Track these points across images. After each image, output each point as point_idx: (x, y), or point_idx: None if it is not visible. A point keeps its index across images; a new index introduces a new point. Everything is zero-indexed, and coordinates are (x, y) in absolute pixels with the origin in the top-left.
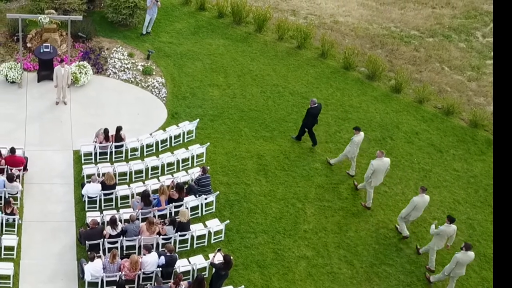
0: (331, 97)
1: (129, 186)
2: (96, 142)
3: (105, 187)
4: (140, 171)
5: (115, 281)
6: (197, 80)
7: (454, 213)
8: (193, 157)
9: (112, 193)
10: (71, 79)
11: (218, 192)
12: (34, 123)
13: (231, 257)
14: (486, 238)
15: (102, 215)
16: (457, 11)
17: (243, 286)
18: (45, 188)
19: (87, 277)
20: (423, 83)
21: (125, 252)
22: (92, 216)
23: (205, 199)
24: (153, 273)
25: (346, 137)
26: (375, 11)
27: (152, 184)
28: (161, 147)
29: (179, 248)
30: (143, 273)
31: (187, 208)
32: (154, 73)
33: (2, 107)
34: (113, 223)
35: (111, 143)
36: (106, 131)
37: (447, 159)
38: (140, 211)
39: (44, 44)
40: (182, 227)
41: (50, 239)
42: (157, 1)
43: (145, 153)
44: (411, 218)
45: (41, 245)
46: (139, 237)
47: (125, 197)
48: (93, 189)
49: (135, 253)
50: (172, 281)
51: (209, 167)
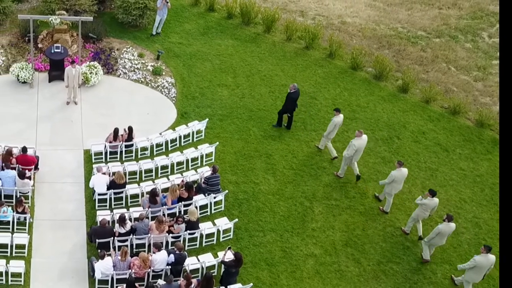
0: (339, 97)
1: (139, 185)
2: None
3: (115, 186)
4: (150, 170)
5: (125, 279)
6: (206, 80)
7: (460, 211)
8: (202, 156)
9: (122, 192)
10: (82, 79)
11: (227, 191)
12: (45, 123)
13: (242, 255)
14: (492, 236)
15: (112, 213)
16: (464, 12)
17: (252, 283)
18: (56, 187)
19: (97, 275)
20: (430, 83)
21: (135, 250)
22: (102, 214)
23: (214, 197)
24: (162, 271)
25: (353, 137)
26: (382, 12)
27: (161, 183)
28: (171, 147)
29: (188, 246)
30: (153, 271)
31: (196, 207)
32: (164, 73)
33: (13, 107)
34: (122, 221)
35: (121, 142)
36: (115, 131)
37: (454, 158)
38: (149, 209)
39: (55, 44)
40: (191, 226)
41: (60, 237)
42: (167, 2)
43: (155, 152)
44: (393, 191)
45: (52, 243)
46: (149, 235)
47: (135, 196)
48: (99, 181)
49: (144, 251)
50: (181, 279)
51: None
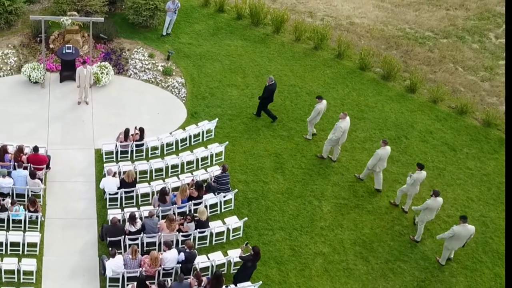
0: (347, 97)
1: (149, 184)
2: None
3: (124, 184)
4: (160, 170)
5: (135, 277)
6: (216, 80)
7: (467, 210)
8: (212, 156)
9: (132, 191)
10: (93, 80)
11: (236, 190)
12: (56, 123)
13: (259, 249)
14: (499, 235)
15: (123, 212)
16: (471, 12)
17: (261, 281)
18: (67, 186)
19: (108, 273)
20: (437, 83)
21: (145, 248)
22: (113, 213)
23: (224, 196)
24: (173, 269)
25: (361, 136)
26: (390, 13)
27: (172, 182)
28: (181, 146)
29: (198, 244)
30: (163, 269)
31: (206, 205)
32: (174, 74)
33: (25, 107)
34: (132, 219)
35: (132, 142)
36: (126, 131)
37: (461, 157)
38: (159, 208)
39: (66, 45)
40: (201, 225)
41: (72, 236)
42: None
43: (165, 152)
44: (377, 168)
45: (63, 242)
46: (159, 234)
47: (145, 195)
48: (109, 183)
49: (155, 249)
50: (191, 277)
51: (228, 166)
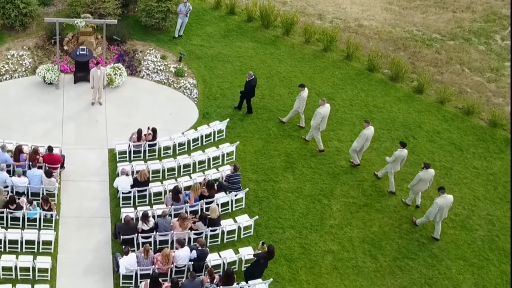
0: (356, 98)
1: (162, 183)
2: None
3: (138, 183)
4: (172, 169)
5: (148, 274)
6: (227, 81)
7: (474, 209)
8: (223, 155)
9: (145, 190)
10: (107, 81)
11: (247, 189)
12: (70, 123)
13: (274, 248)
14: (505, 233)
15: (136, 211)
16: (477, 15)
17: (272, 279)
18: (81, 185)
19: (122, 271)
20: (444, 84)
21: (158, 246)
22: (126, 212)
23: (235, 195)
24: (185, 266)
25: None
26: (398, 15)
27: (184, 181)
28: (193, 146)
29: (210, 242)
30: (176, 267)
31: (218, 204)
32: (186, 75)
33: (40, 107)
34: (145, 218)
35: (145, 142)
36: (139, 131)
37: (467, 157)
38: (172, 207)
39: (80, 47)
40: (212, 223)
41: (86, 234)
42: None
43: (177, 152)
44: (363, 149)
45: (77, 240)
46: (172, 232)
47: (158, 194)
48: (123, 182)
49: (167, 247)
50: (203, 274)
51: (239, 165)
